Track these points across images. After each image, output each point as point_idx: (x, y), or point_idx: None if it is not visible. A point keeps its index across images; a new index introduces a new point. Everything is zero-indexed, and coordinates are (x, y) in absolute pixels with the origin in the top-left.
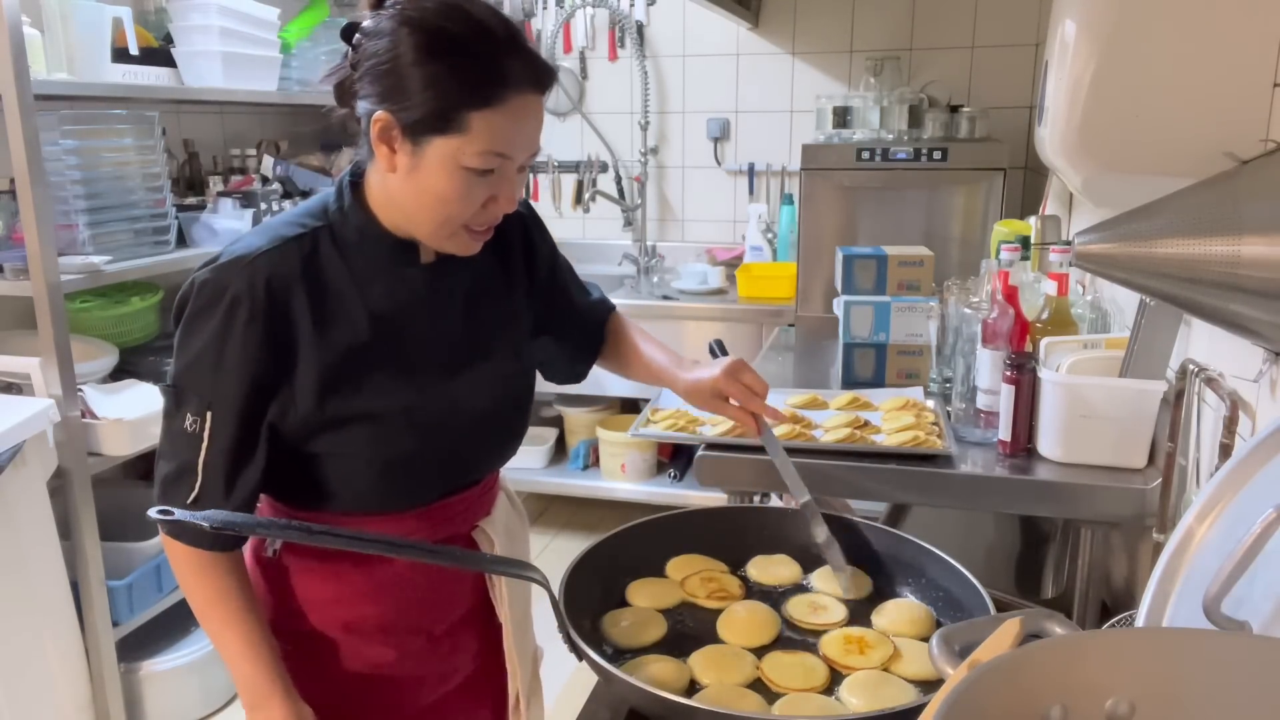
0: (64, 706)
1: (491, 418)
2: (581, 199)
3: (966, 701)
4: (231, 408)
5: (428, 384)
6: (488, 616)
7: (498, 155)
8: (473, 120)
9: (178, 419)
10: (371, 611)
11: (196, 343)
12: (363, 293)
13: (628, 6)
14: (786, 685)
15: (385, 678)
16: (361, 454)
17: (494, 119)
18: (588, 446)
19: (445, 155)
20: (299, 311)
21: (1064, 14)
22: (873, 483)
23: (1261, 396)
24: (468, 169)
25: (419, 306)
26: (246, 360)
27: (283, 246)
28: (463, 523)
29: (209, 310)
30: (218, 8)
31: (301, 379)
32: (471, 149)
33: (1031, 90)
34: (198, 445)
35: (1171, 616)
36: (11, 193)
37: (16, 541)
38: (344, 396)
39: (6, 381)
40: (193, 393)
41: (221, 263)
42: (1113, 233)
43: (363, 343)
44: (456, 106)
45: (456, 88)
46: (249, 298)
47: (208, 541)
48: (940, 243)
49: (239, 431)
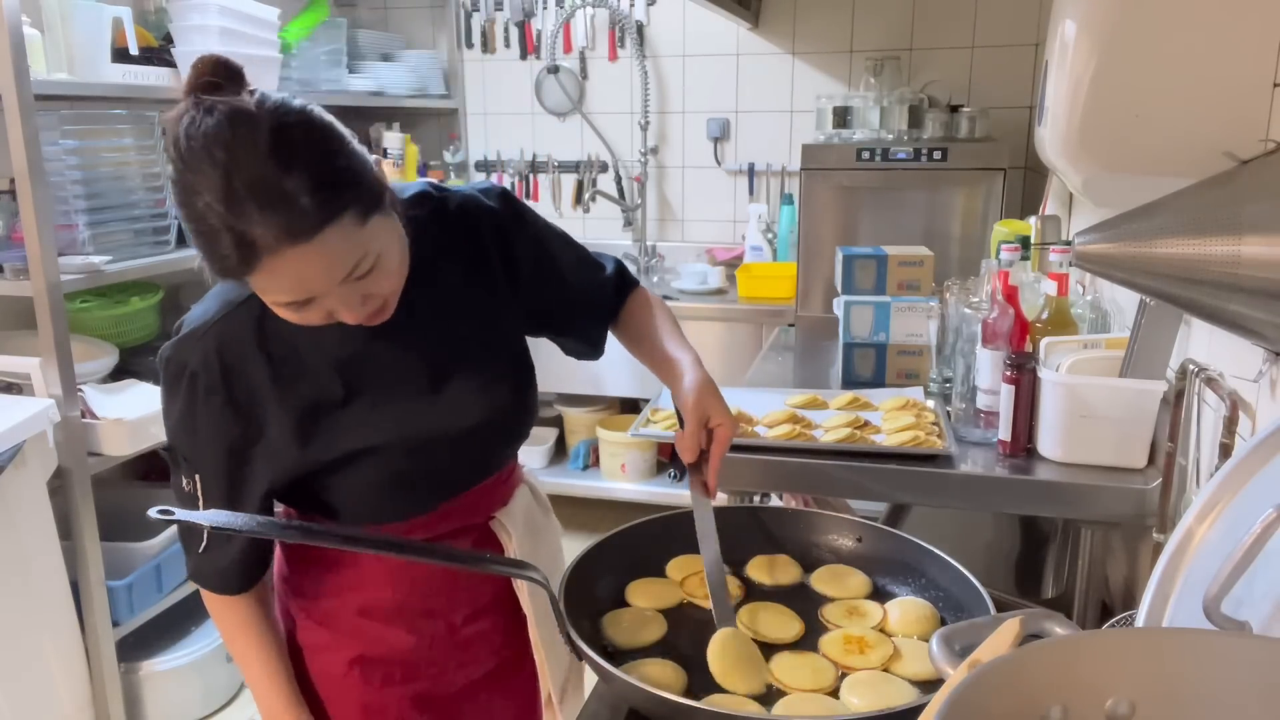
0: (64, 706)
1: (484, 425)
2: (581, 199)
3: (966, 701)
4: (214, 473)
5: (408, 410)
6: (511, 612)
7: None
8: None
9: (177, 478)
10: (387, 596)
11: (174, 413)
12: (318, 342)
13: (628, 6)
14: (795, 686)
15: (404, 662)
16: (356, 482)
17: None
18: (588, 446)
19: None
20: (257, 375)
21: (1064, 14)
22: (873, 483)
23: (1261, 396)
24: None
25: (385, 338)
26: (215, 431)
27: (233, 314)
28: (477, 514)
29: (174, 385)
30: (218, 8)
31: (275, 437)
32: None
33: (1031, 90)
34: (196, 504)
35: (1171, 616)
36: (11, 193)
37: (16, 541)
38: (324, 444)
39: (6, 381)
40: (181, 458)
41: (178, 338)
42: (1113, 233)
43: (329, 391)
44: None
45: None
46: (205, 372)
47: (222, 586)
48: (940, 243)
49: (228, 492)
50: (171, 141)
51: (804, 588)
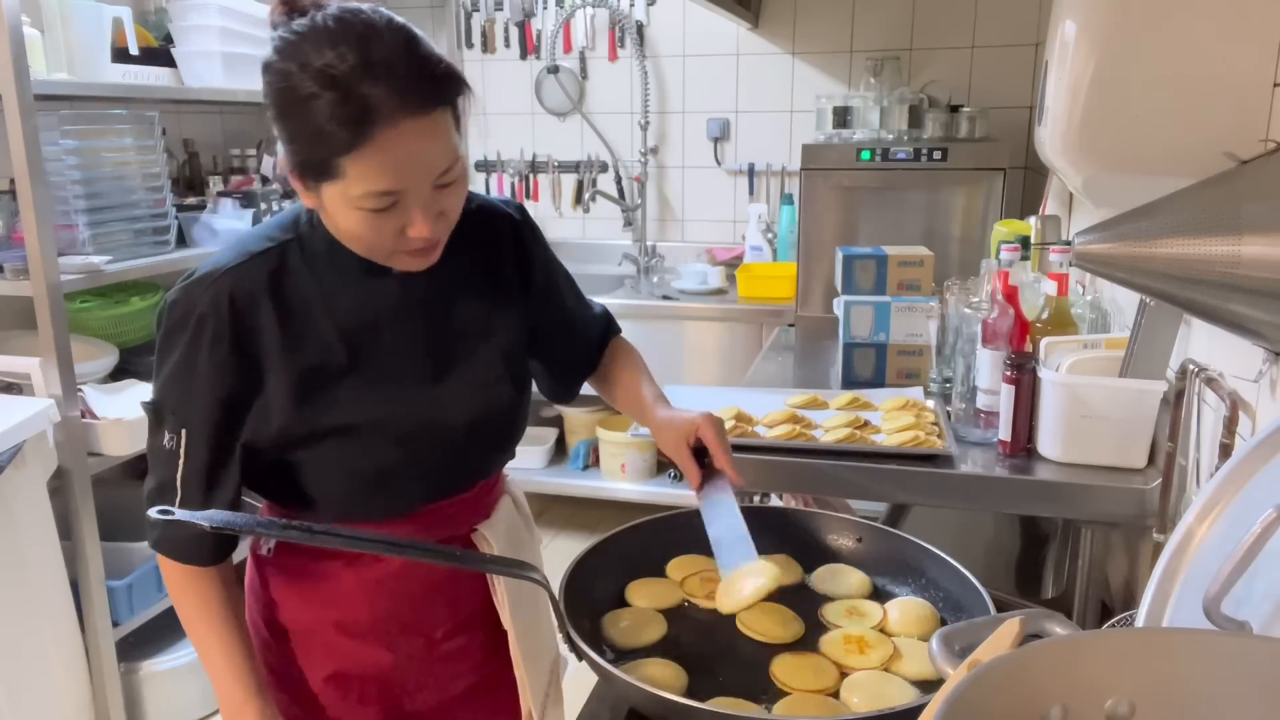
0: (64, 706)
1: (476, 426)
2: (581, 199)
3: (966, 701)
4: (203, 427)
5: (404, 395)
6: (490, 628)
7: (384, 194)
8: (345, 165)
9: (158, 436)
10: (363, 611)
11: (169, 362)
12: (331, 306)
13: (628, 6)
14: (796, 686)
15: (380, 680)
16: (338, 464)
17: (366, 159)
18: (588, 446)
19: (336, 198)
20: (266, 327)
21: (1064, 14)
22: (873, 483)
23: (1261, 396)
24: (361, 210)
25: (392, 316)
26: (215, 379)
27: (249, 262)
28: (457, 525)
29: (178, 329)
30: (218, 8)
31: (273, 394)
32: (355, 192)
33: (1031, 90)
34: (175, 462)
35: (1171, 616)
36: (11, 193)
37: (16, 541)
38: (317, 410)
39: (6, 381)
40: (169, 411)
41: (187, 282)
42: (1113, 233)
43: (332, 357)
44: (324, 157)
45: (313, 140)
46: (214, 316)
47: (189, 555)
48: (940, 243)
49: (212, 450)
50: (283, 18)
51: (804, 588)
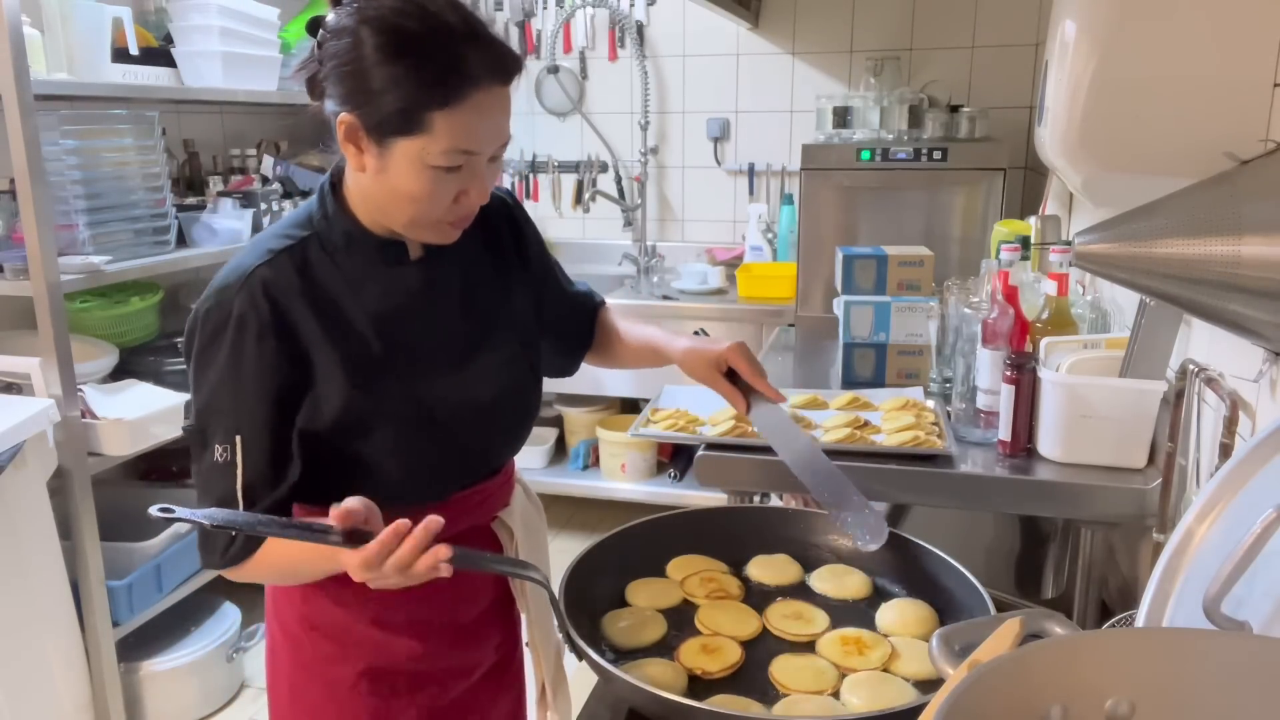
0: (64, 706)
1: (501, 403)
2: (581, 199)
3: (966, 701)
4: (259, 425)
5: (437, 381)
6: (507, 609)
7: (464, 152)
8: (435, 119)
9: (206, 455)
10: (400, 604)
11: (213, 369)
12: (359, 296)
13: (628, 6)
14: (796, 688)
15: (411, 672)
16: (383, 453)
17: (457, 116)
18: (588, 446)
19: (411, 155)
20: (303, 321)
21: (1064, 14)
22: (873, 483)
23: (1261, 396)
24: (434, 167)
25: (415, 303)
26: (265, 375)
27: (275, 259)
28: (482, 514)
29: (218, 335)
30: (218, 8)
31: (321, 386)
32: (436, 148)
33: (1031, 90)
34: (232, 473)
35: (1171, 616)
36: (11, 193)
37: (16, 542)
38: (361, 401)
39: (6, 381)
40: (217, 424)
41: (216, 289)
42: (1113, 233)
43: (369, 345)
44: (418, 107)
45: (416, 88)
46: (254, 313)
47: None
48: (940, 243)
49: (271, 446)
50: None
51: (804, 587)
